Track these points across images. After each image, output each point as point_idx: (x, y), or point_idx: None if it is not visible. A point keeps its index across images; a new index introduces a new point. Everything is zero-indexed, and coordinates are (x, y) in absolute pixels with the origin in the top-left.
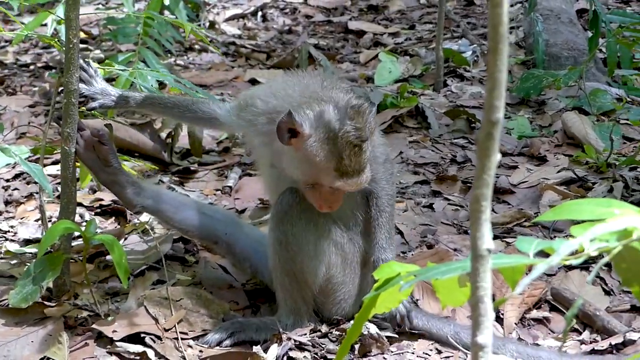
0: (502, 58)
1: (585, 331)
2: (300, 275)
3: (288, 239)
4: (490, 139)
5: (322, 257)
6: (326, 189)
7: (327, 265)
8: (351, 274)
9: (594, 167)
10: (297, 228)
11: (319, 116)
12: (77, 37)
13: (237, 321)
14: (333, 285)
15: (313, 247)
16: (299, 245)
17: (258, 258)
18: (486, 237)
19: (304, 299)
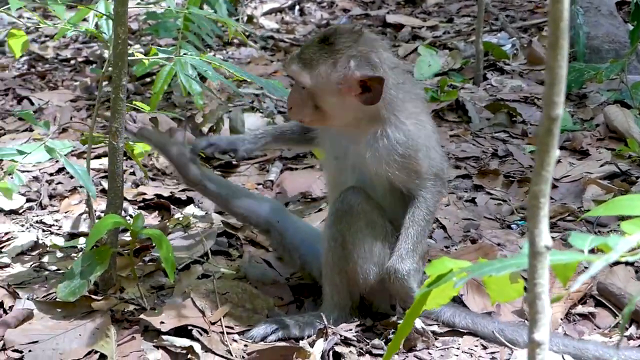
0: (563, 53)
1: (631, 326)
2: (352, 274)
3: (345, 238)
4: (550, 135)
5: (376, 259)
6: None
7: (380, 266)
8: None
9: (637, 161)
10: (354, 228)
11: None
12: (126, 33)
13: (281, 318)
14: (384, 286)
15: (369, 248)
16: (355, 245)
17: (306, 249)
18: (544, 233)
19: (351, 296)
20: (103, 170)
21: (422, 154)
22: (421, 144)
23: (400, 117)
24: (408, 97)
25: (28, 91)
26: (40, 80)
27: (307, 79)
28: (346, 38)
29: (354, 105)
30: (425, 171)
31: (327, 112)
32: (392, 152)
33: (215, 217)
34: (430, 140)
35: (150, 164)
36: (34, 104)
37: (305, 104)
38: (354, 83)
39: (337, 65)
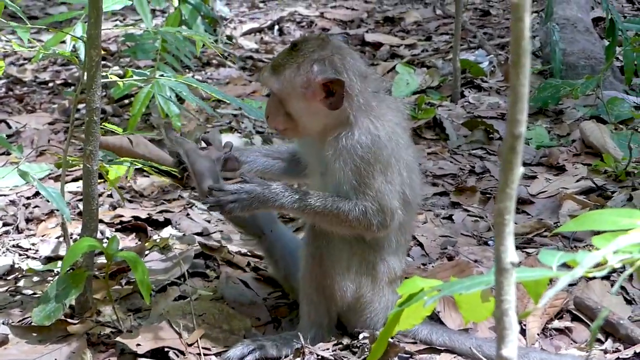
0: (524, 72)
1: (607, 340)
2: (329, 291)
3: (322, 254)
4: (513, 152)
5: (353, 276)
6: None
7: (358, 284)
8: (379, 292)
9: (612, 176)
10: (332, 244)
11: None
12: (99, 55)
13: (258, 339)
14: (362, 304)
15: (346, 264)
16: (332, 261)
17: (293, 262)
18: (510, 250)
19: (328, 314)
20: (80, 193)
21: (380, 167)
22: (385, 156)
23: (374, 122)
24: (384, 106)
25: (5, 114)
26: (18, 103)
27: (274, 83)
28: (312, 44)
29: (320, 110)
30: (373, 191)
31: (296, 117)
32: (352, 152)
33: (193, 238)
34: (397, 161)
35: (128, 185)
36: (11, 127)
37: (278, 111)
38: (317, 87)
39: (300, 69)
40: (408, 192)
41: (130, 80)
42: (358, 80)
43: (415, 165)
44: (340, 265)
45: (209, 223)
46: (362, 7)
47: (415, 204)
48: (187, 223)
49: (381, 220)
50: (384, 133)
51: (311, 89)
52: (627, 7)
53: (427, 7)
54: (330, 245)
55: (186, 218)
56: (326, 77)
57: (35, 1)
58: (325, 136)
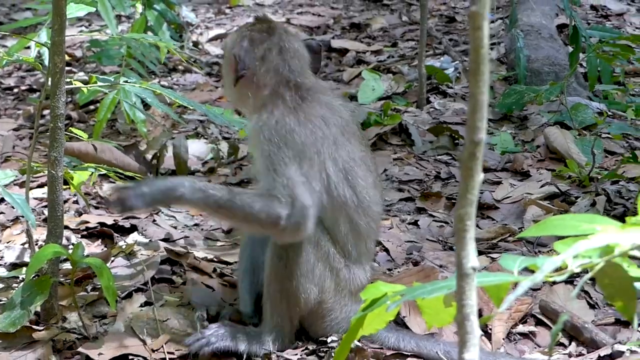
0: (484, 79)
1: (571, 344)
2: (292, 293)
3: (288, 256)
4: (473, 159)
5: (316, 280)
6: None
7: (321, 288)
8: (342, 301)
9: (576, 182)
10: (298, 246)
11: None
12: (63, 62)
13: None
14: (323, 310)
15: (310, 267)
16: (298, 263)
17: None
18: (471, 255)
19: (290, 318)
20: (45, 199)
21: (292, 154)
22: (297, 142)
23: (281, 109)
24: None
25: None
26: None
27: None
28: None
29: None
30: (283, 178)
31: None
32: (259, 134)
33: (158, 244)
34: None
35: (93, 192)
36: None
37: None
38: (231, 57)
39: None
40: (348, 194)
41: (95, 86)
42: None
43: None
44: (305, 268)
45: (175, 229)
46: (328, 13)
47: (369, 207)
48: (153, 229)
49: (290, 214)
50: (295, 120)
51: (229, 57)
52: (590, 14)
53: (393, 13)
54: (297, 247)
55: (152, 224)
56: (235, 52)
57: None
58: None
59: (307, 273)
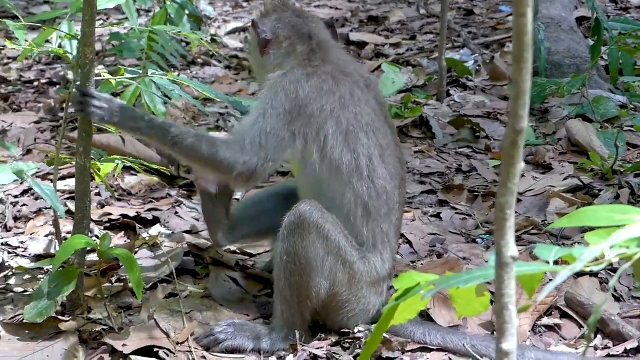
0: (527, 67)
1: (597, 337)
2: (303, 289)
3: (297, 252)
4: (515, 147)
5: (327, 274)
6: None
7: (332, 282)
8: (358, 293)
9: (599, 175)
10: (307, 242)
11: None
12: (93, 53)
13: (233, 325)
14: (337, 303)
15: (320, 262)
16: (307, 259)
17: None
18: (511, 244)
19: (301, 314)
20: (68, 191)
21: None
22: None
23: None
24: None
25: None
26: (3, 102)
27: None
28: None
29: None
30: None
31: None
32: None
33: (182, 236)
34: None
35: (115, 184)
36: None
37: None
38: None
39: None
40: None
41: (124, 78)
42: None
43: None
44: (315, 262)
45: (198, 221)
46: (346, 6)
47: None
48: (175, 221)
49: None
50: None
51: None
52: (610, 7)
53: (410, 6)
54: (306, 242)
55: (175, 216)
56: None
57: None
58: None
59: (317, 268)
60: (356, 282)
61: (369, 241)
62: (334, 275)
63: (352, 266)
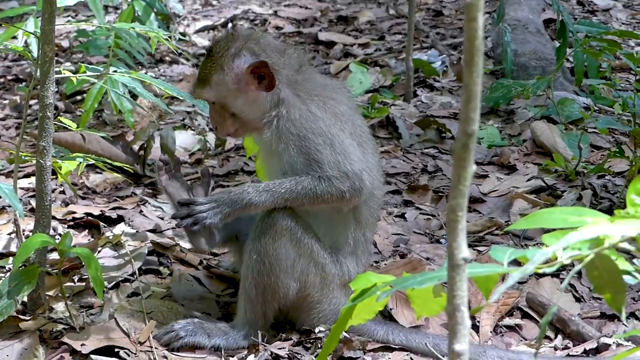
0: (478, 71)
1: (557, 337)
2: (269, 289)
3: (267, 252)
4: (466, 150)
5: (297, 275)
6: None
7: (304, 283)
8: (329, 294)
9: (562, 176)
10: (278, 243)
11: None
12: (53, 51)
13: (192, 322)
14: (308, 303)
15: (291, 264)
16: (277, 260)
17: None
18: (462, 246)
19: (264, 314)
20: (32, 189)
21: (322, 139)
22: (323, 128)
23: (301, 96)
24: (311, 80)
25: None
26: None
27: (210, 94)
28: (223, 43)
29: (258, 97)
30: (327, 163)
31: (241, 115)
32: (287, 130)
33: (145, 235)
34: (341, 131)
35: (80, 182)
36: None
37: (222, 118)
38: (246, 77)
39: (225, 69)
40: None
41: (84, 76)
42: (278, 57)
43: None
44: (285, 264)
45: (162, 220)
46: (315, 5)
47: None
48: (140, 220)
49: (351, 185)
50: (314, 106)
51: (243, 81)
52: (577, 9)
53: (380, 6)
54: (277, 243)
55: (139, 215)
56: (250, 64)
57: None
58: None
59: (286, 269)
60: (328, 283)
61: (349, 247)
62: (305, 277)
63: (324, 268)
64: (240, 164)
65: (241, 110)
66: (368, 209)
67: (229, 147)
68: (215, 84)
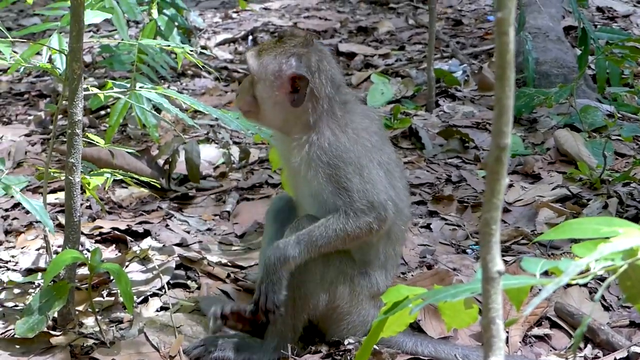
0: (510, 85)
1: (587, 347)
2: (299, 302)
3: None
4: (499, 163)
5: (327, 287)
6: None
7: (333, 295)
8: (358, 305)
9: (587, 184)
10: None
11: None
12: (81, 68)
13: (221, 336)
14: (338, 315)
15: (320, 276)
16: (307, 272)
17: None
18: (497, 259)
19: (293, 326)
20: (59, 204)
21: (352, 169)
22: (353, 158)
23: (333, 129)
24: (349, 116)
25: None
26: None
27: (254, 64)
28: (296, 40)
29: (282, 103)
30: (356, 192)
31: (260, 103)
32: (317, 158)
33: (172, 249)
34: (370, 161)
35: (106, 197)
36: None
37: (247, 92)
38: (285, 79)
39: (277, 58)
40: (393, 194)
41: (112, 92)
42: (328, 85)
43: (395, 169)
44: (315, 276)
45: (188, 234)
46: (335, 17)
47: (402, 210)
48: (166, 234)
49: (377, 216)
50: (346, 138)
51: (280, 79)
52: (597, 16)
53: (399, 17)
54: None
55: (165, 229)
56: (294, 72)
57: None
58: (289, 134)
59: (316, 280)
60: (356, 294)
61: (379, 261)
62: (334, 288)
63: (353, 279)
64: (264, 177)
65: (262, 100)
66: (398, 226)
67: (253, 160)
68: (263, 62)
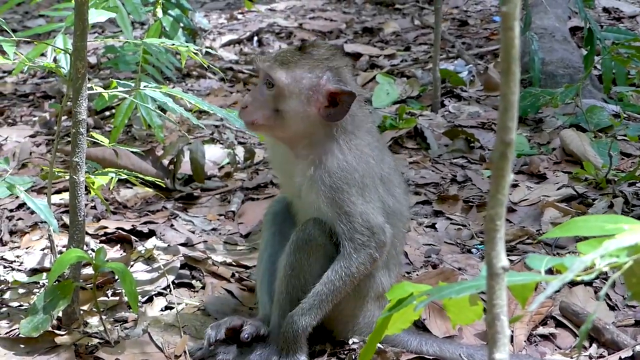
0: (515, 80)
1: (592, 346)
2: None
3: (302, 267)
4: (504, 159)
5: None
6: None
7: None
8: (363, 307)
9: (593, 184)
10: (313, 258)
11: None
12: (85, 67)
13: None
14: (344, 317)
15: None
16: (312, 275)
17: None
18: (501, 255)
19: None
20: (63, 205)
21: (355, 190)
22: (357, 179)
23: (340, 144)
24: (357, 129)
25: None
26: None
27: (283, 77)
28: (324, 50)
29: (312, 118)
30: (358, 215)
31: (286, 117)
32: (320, 180)
33: (177, 249)
34: (372, 180)
35: (111, 197)
36: None
37: (265, 105)
38: (324, 94)
39: (313, 72)
40: (391, 203)
41: (117, 91)
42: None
43: (394, 175)
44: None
45: (193, 234)
46: (340, 17)
47: (401, 213)
48: (171, 234)
49: (377, 243)
50: (352, 157)
51: (317, 94)
52: (603, 16)
53: (405, 17)
54: (312, 259)
55: (170, 229)
56: (339, 88)
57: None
58: (294, 149)
59: None
60: (362, 296)
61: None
62: None
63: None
64: (269, 177)
65: (290, 115)
66: (397, 227)
67: (258, 160)
68: (294, 75)
